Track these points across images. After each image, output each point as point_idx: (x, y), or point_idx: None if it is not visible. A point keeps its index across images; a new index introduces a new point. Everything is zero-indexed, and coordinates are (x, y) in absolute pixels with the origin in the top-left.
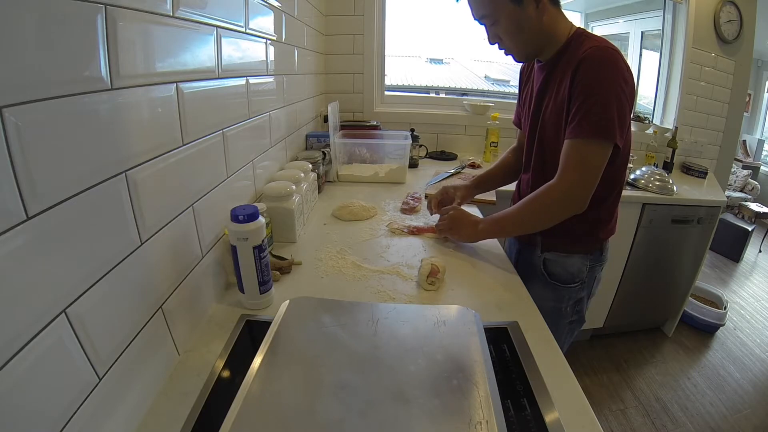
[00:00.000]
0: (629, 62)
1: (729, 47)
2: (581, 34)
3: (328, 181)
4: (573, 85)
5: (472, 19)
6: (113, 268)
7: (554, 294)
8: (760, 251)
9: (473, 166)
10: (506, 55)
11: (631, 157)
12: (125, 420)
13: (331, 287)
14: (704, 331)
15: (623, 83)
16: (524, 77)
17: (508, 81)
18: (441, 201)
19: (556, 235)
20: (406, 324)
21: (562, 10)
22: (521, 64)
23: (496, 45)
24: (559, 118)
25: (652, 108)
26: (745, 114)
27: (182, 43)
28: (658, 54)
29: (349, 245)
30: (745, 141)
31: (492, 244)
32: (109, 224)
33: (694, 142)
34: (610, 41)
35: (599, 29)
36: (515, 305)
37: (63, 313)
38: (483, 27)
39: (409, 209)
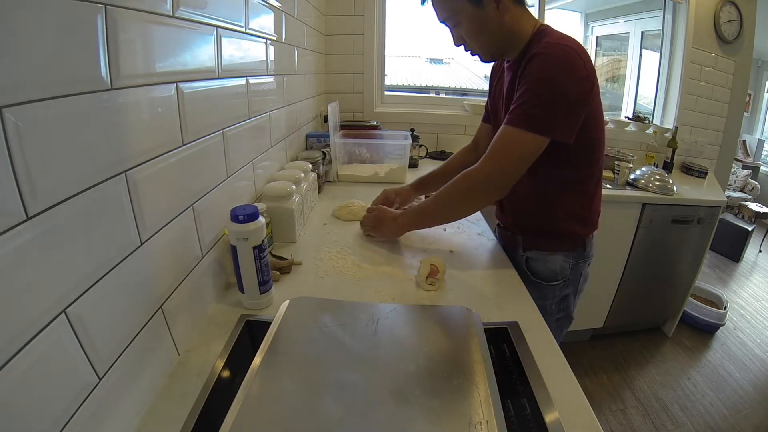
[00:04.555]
0: (629, 62)
1: (729, 47)
2: (542, 31)
3: (328, 181)
4: (521, 80)
5: (438, 21)
6: (113, 268)
7: (538, 292)
8: (760, 251)
9: None
10: (472, 56)
11: (631, 157)
12: (125, 420)
13: (331, 287)
14: (704, 331)
15: (572, 78)
16: (496, 74)
17: None
18: (383, 203)
19: (536, 234)
20: (406, 324)
21: (527, 8)
22: (488, 63)
23: (462, 47)
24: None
25: (652, 108)
26: (745, 114)
27: (182, 43)
28: (658, 54)
29: (349, 245)
30: (745, 141)
31: (492, 245)
32: (109, 224)
33: (694, 142)
34: (573, 38)
35: (599, 29)
36: (515, 305)
37: (63, 313)
38: (448, 29)
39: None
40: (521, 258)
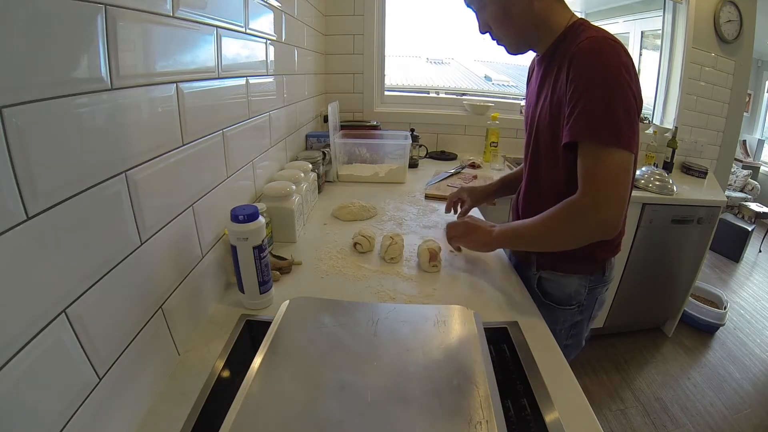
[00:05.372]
0: None
1: (729, 47)
2: (580, 25)
3: (328, 181)
4: (568, 81)
5: (465, 6)
6: (113, 268)
7: (548, 314)
8: (760, 251)
9: (473, 166)
10: (498, 45)
11: None
12: (125, 420)
13: (331, 287)
14: (704, 331)
15: (629, 79)
16: (530, 75)
17: (508, 81)
18: (455, 203)
19: (553, 253)
20: (406, 324)
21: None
22: (514, 56)
23: (488, 34)
24: (553, 116)
25: (652, 108)
26: (745, 114)
27: (182, 43)
28: (658, 54)
29: (350, 245)
30: (745, 141)
31: None
32: (108, 224)
33: (694, 142)
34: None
35: None
36: (515, 305)
37: (63, 313)
38: (474, 14)
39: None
40: (533, 277)
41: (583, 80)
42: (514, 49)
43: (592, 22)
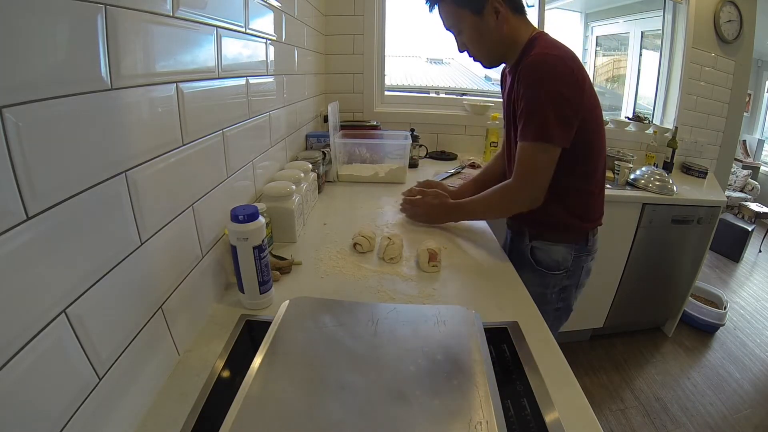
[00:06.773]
0: (629, 62)
1: (729, 47)
2: (534, 39)
3: (328, 181)
4: (518, 91)
5: (444, 29)
6: (113, 268)
7: (540, 280)
8: (760, 251)
9: (473, 166)
10: (475, 61)
11: (631, 157)
12: (125, 420)
13: (331, 287)
14: (704, 331)
15: (562, 86)
16: (503, 83)
17: None
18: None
19: (541, 226)
20: (406, 324)
21: (526, 17)
22: (489, 69)
23: (466, 53)
24: (515, 119)
25: (652, 108)
26: (745, 114)
27: (182, 43)
28: (658, 54)
29: (350, 245)
30: (745, 141)
31: (492, 245)
32: (108, 224)
33: (694, 142)
34: (563, 45)
35: (599, 29)
36: (515, 305)
37: (63, 313)
38: (453, 36)
39: None
40: (526, 247)
41: (524, 90)
42: (488, 64)
43: (596, 21)
